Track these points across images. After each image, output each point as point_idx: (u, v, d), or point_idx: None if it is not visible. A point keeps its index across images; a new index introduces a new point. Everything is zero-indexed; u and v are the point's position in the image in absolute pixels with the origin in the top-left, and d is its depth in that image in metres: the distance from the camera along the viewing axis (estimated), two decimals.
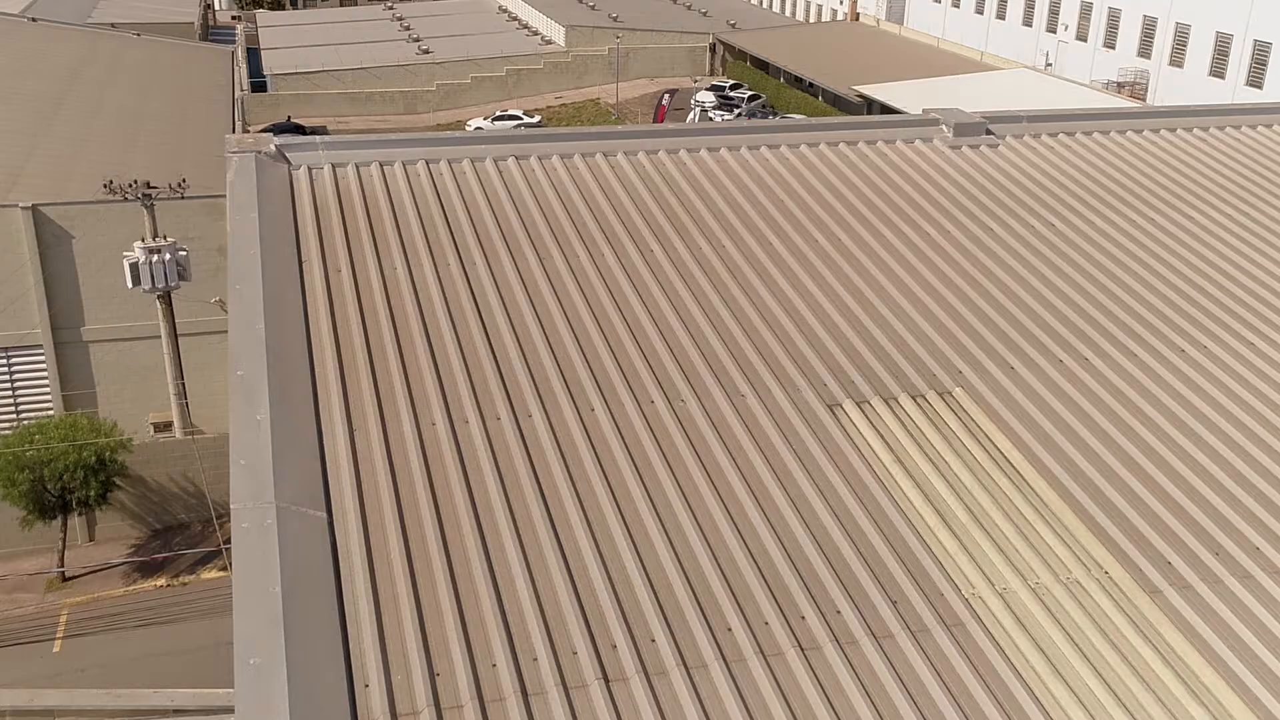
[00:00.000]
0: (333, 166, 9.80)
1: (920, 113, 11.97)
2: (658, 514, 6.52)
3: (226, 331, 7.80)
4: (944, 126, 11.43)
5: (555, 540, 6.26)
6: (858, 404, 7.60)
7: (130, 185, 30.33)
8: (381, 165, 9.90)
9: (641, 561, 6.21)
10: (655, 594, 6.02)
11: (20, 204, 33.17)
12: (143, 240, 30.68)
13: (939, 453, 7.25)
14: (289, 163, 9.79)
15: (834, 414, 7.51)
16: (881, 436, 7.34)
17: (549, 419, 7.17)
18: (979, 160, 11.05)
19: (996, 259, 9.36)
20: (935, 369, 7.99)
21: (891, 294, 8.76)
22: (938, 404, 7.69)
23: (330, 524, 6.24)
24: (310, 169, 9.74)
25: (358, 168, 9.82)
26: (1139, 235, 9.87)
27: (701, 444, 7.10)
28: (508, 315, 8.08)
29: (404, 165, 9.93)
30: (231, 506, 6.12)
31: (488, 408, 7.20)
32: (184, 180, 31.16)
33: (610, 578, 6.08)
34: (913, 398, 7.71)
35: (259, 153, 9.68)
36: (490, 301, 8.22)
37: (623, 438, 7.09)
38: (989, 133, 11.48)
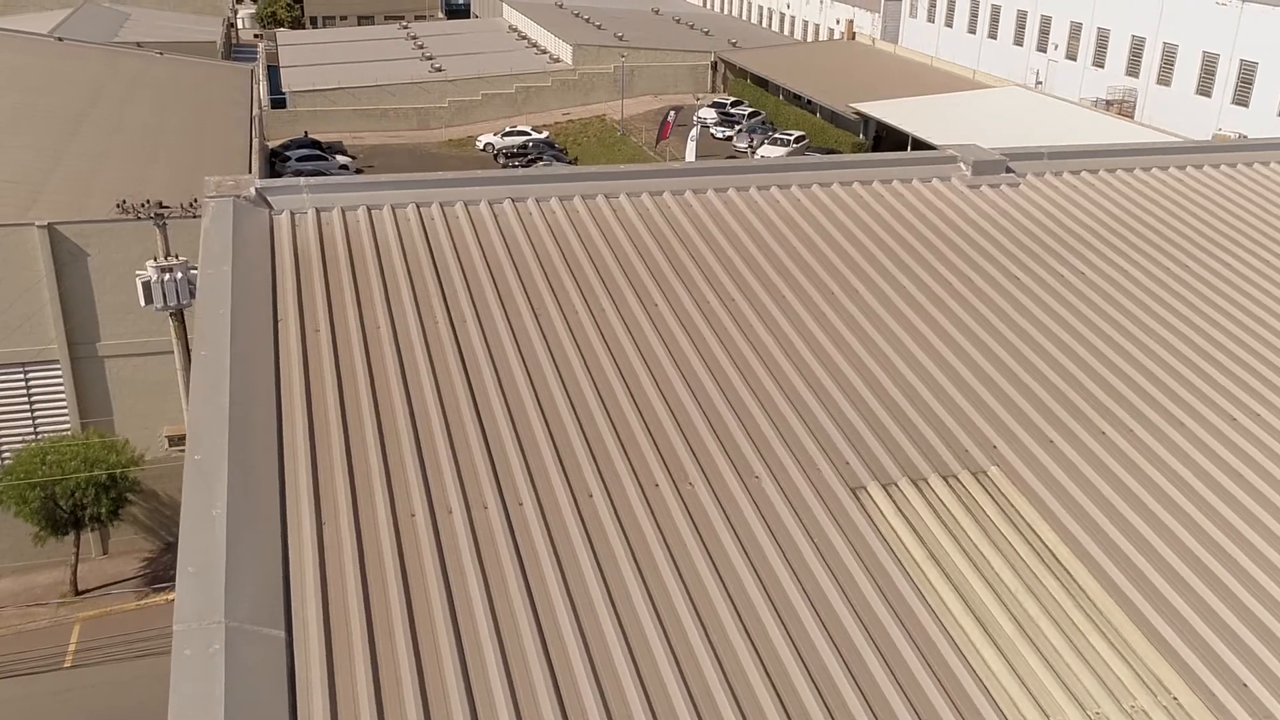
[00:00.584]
0: (317, 211, 8.75)
1: (936, 148, 10.92)
2: (662, 626, 5.47)
3: None
4: (962, 164, 10.36)
5: (546, 663, 5.20)
6: (884, 486, 6.54)
7: (143, 205, 29.31)
8: (369, 209, 8.85)
9: (644, 686, 5.15)
10: None
11: (36, 223, 32.15)
12: (155, 259, 29.65)
13: (976, 546, 6.19)
14: (270, 207, 8.74)
15: (858, 498, 6.44)
16: (911, 526, 6.28)
17: (541, 507, 6.12)
18: (1000, 201, 9.98)
19: (1026, 314, 8.29)
20: (967, 443, 6.92)
21: (916, 355, 7.69)
22: (972, 485, 6.62)
23: (289, 644, 5.18)
24: (293, 214, 8.69)
25: (343, 212, 8.77)
26: (1177, 286, 8.79)
27: (712, 538, 6.04)
28: (499, 382, 7.02)
29: (393, 209, 8.88)
30: (174, 627, 5.07)
31: (474, 494, 6.14)
32: (195, 200, 30.10)
33: (608, 710, 5.03)
34: (944, 478, 6.64)
35: (238, 197, 8.63)
36: (480, 365, 7.16)
37: (623, 529, 6.03)
38: (1009, 170, 10.41)
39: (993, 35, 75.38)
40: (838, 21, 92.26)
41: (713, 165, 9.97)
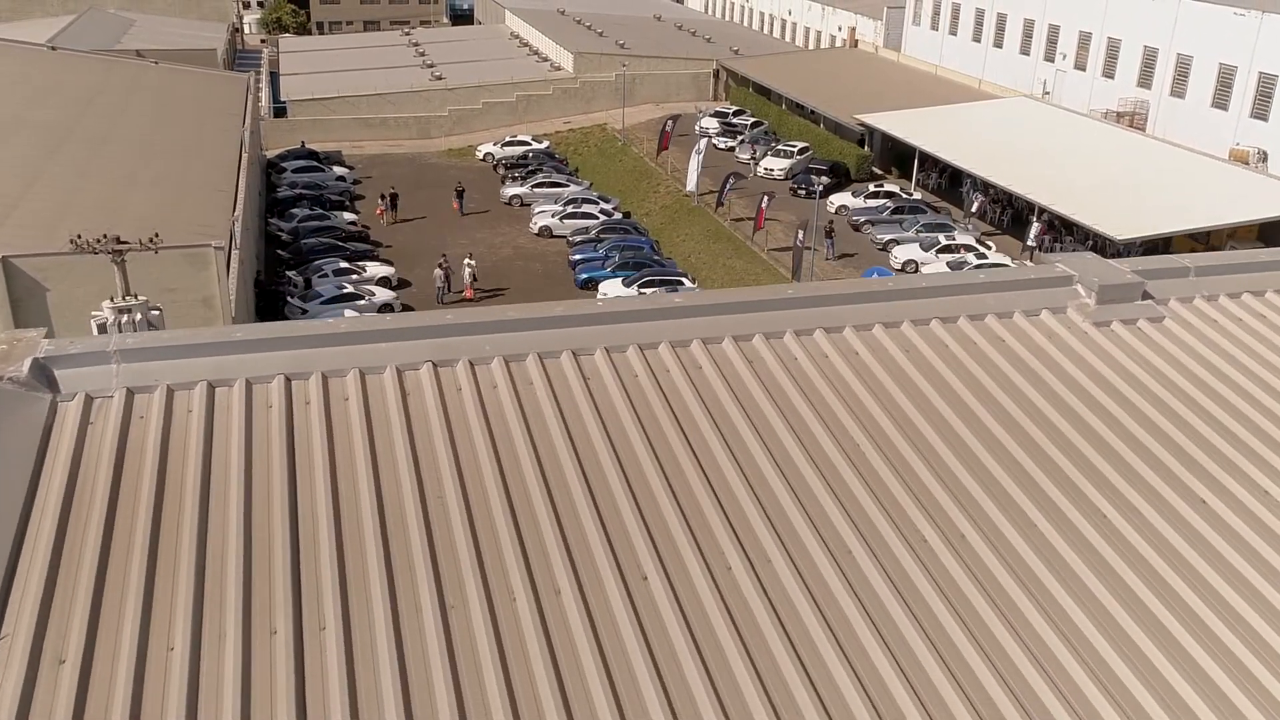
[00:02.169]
0: (128, 393, 5.51)
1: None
2: None
3: None
4: (1080, 287, 7.09)
5: None
6: None
7: (99, 240, 26.06)
8: (211, 387, 5.60)
9: None
10: None
11: None
12: (112, 299, 26.38)
13: None
14: (54, 389, 5.49)
15: None
16: None
17: None
18: (1142, 348, 6.71)
19: (1228, 572, 5.03)
20: None
21: (1064, 664, 4.43)
22: None
23: None
24: (89, 399, 5.45)
25: (170, 394, 5.52)
26: None
27: None
28: None
29: (248, 385, 5.63)
30: None
31: None
32: (156, 235, 26.82)
33: None
34: None
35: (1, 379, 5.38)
36: None
37: None
38: (1146, 296, 7.14)
39: (998, 44, 71.87)
40: (840, 29, 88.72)
41: (723, 300, 6.68)
